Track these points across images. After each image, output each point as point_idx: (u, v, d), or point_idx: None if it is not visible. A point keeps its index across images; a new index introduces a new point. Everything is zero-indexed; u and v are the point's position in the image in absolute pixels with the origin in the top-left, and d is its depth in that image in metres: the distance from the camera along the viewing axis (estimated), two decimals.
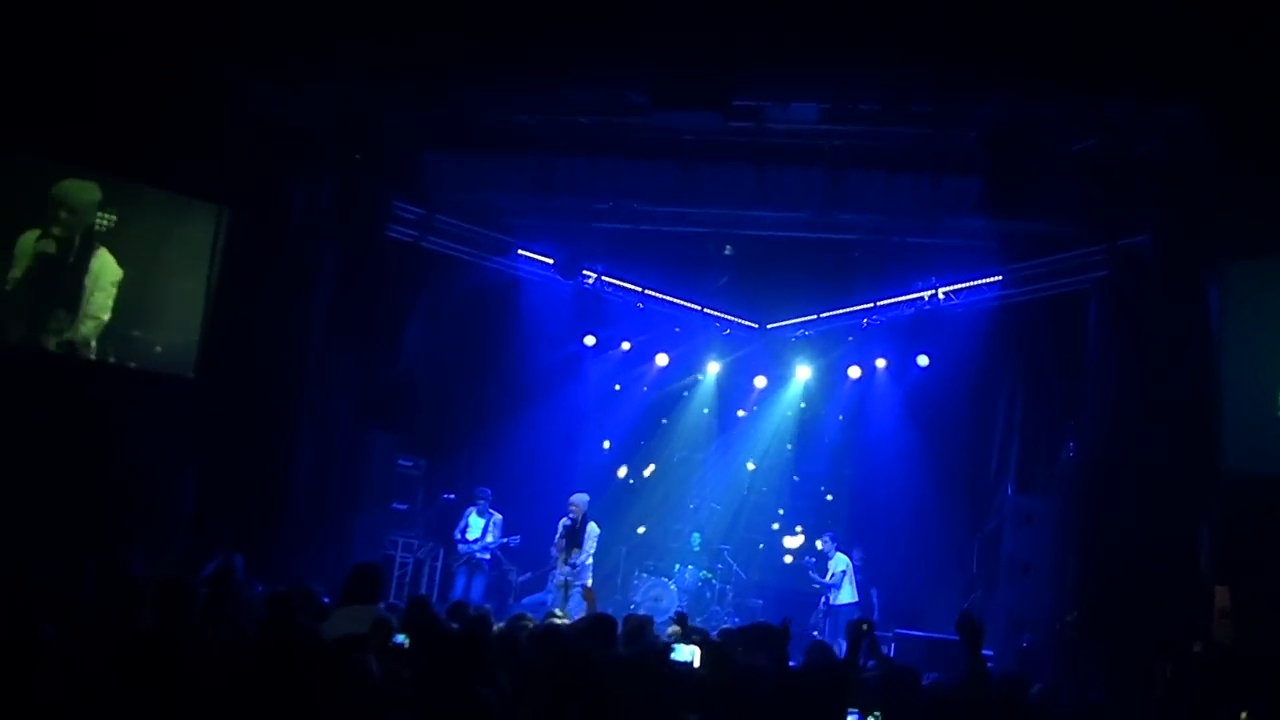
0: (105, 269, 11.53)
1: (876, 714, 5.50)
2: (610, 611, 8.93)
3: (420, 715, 4.79)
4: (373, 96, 11.64)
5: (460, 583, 13.41)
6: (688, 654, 5.67)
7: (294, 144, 12.12)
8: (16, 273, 11.18)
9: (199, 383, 11.84)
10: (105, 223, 11.49)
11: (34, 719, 3.98)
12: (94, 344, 11.52)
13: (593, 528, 12.90)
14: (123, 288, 11.59)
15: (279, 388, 12.35)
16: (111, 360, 11.55)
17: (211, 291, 11.95)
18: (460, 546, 13.52)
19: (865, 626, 8.97)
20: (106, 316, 11.50)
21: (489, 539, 13.45)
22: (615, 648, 7.21)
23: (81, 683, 4.56)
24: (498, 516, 13.58)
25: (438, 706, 4.75)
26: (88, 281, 11.45)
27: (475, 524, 13.53)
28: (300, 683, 4.70)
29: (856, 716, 5.47)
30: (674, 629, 8.62)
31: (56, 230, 11.33)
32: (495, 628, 7.86)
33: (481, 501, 13.61)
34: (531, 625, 7.82)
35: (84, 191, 11.45)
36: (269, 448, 12.20)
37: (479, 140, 12.25)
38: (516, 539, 13.53)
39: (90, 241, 11.44)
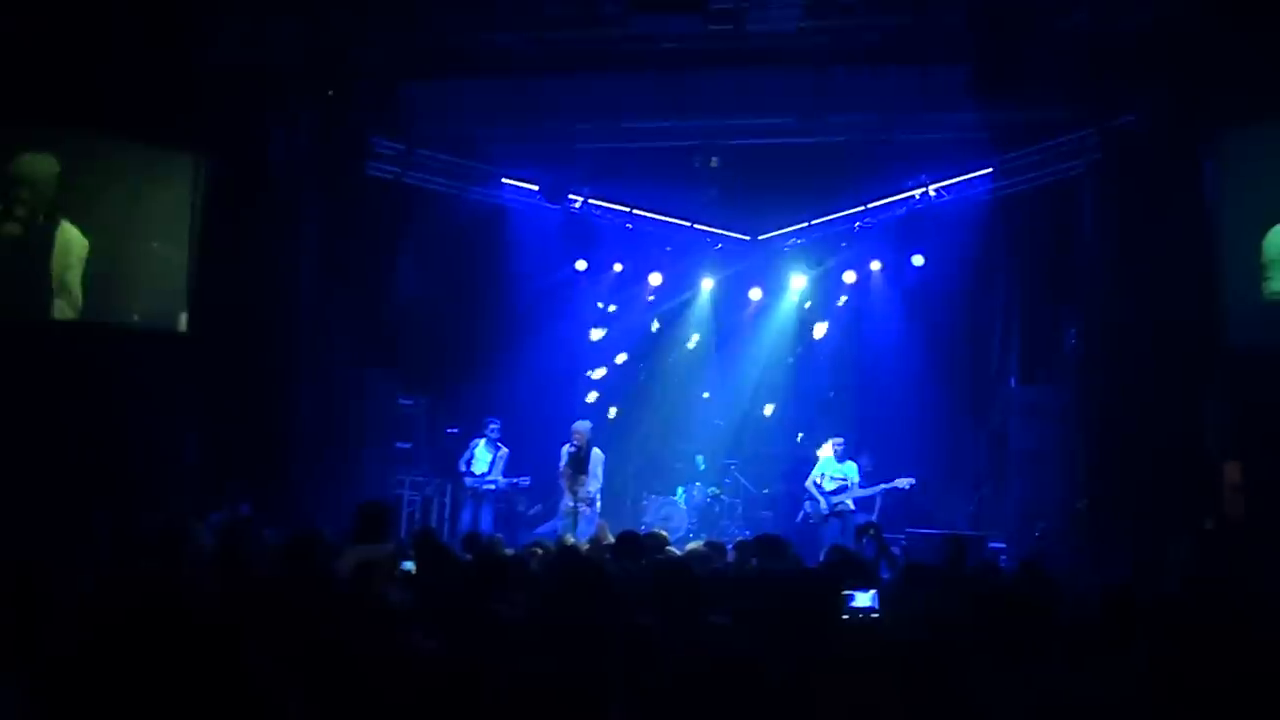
0: (71, 244, 11.32)
1: (873, 591, 5.48)
2: None
3: (439, 638, 4.74)
4: (341, 27, 11.35)
5: (467, 514, 13.42)
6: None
7: (266, 85, 11.86)
8: None
9: (194, 335, 11.73)
10: (68, 194, 11.26)
11: (45, 671, 3.91)
12: (75, 317, 11.36)
13: (597, 453, 12.87)
14: (95, 258, 11.39)
15: (273, 335, 12.28)
16: (102, 324, 11.42)
17: (195, 245, 11.77)
18: (467, 479, 13.48)
19: (872, 530, 8.99)
20: (78, 292, 11.32)
21: (494, 475, 13.42)
22: (639, 562, 7.25)
23: (91, 633, 4.49)
24: (504, 451, 13.52)
25: (456, 628, 4.71)
26: (55, 261, 11.27)
27: (482, 457, 13.48)
28: (319, 618, 4.65)
29: (866, 593, 5.40)
30: (694, 545, 8.63)
31: (19, 211, 11.12)
32: (508, 553, 7.88)
33: (491, 432, 13.56)
34: (542, 552, 7.82)
35: (42, 165, 11.19)
36: (268, 395, 12.16)
37: (453, 67, 12.02)
38: (527, 481, 13.51)
39: (53, 217, 11.23)
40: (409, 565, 6.50)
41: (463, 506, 13.58)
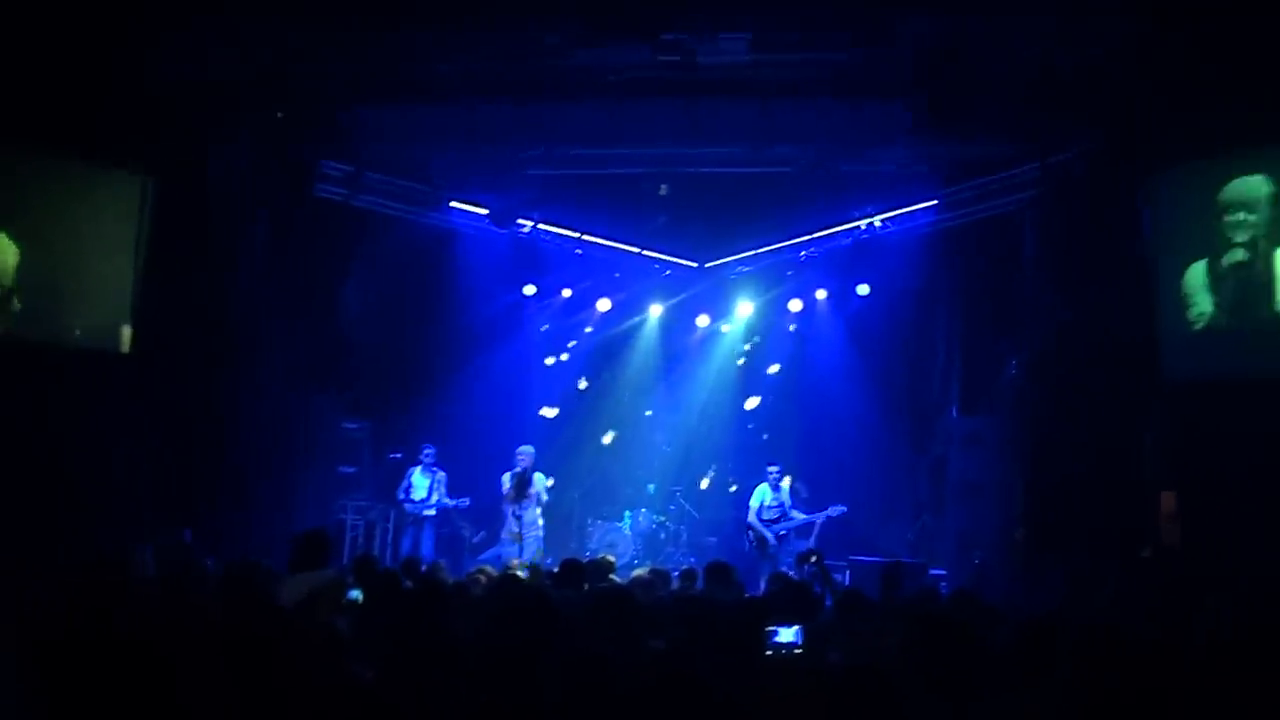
0: (4, 255, 11.16)
1: (797, 626, 5.49)
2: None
3: (387, 666, 4.75)
4: (290, 49, 11.28)
5: (407, 541, 13.42)
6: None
7: (215, 106, 11.75)
8: None
9: (136, 356, 11.58)
10: (6, 208, 11.08)
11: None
12: (11, 329, 11.16)
13: (539, 478, 12.91)
14: (33, 274, 11.20)
15: (217, 357, 12.13)
16: (38, 342, 11.23)
17: (140, 265, 11.66)
18: (406, 506, 13.49)
19: (814, 558, 9.04)
20: (15, 301, 11.14)
21: (434, 499, 13.42)
22: (581, 588, 7.29)
23: (39, 662, 4.47)
24: (441, 474, 13.51)
25: (404, 656, 4.72)
26: None
27: (419, 483, 13.50)
28: (268, 649, 4.65)
29: (791, 628, 5.45)
30: (637, 572, 8.68)
31: None
32: (451, 580, 7.90)
33: (425, 458, 13.54)
34: (485, 579, 7.84)
35: None
36: (211, 419, 12.01)
37: (403, 92, 11.94)
38: (466, 501, 13.49)
39: None
40: (356, 594, 6.49)
41: (404, 532, 13.56)
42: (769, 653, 5.35)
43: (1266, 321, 10.23)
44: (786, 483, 13.76)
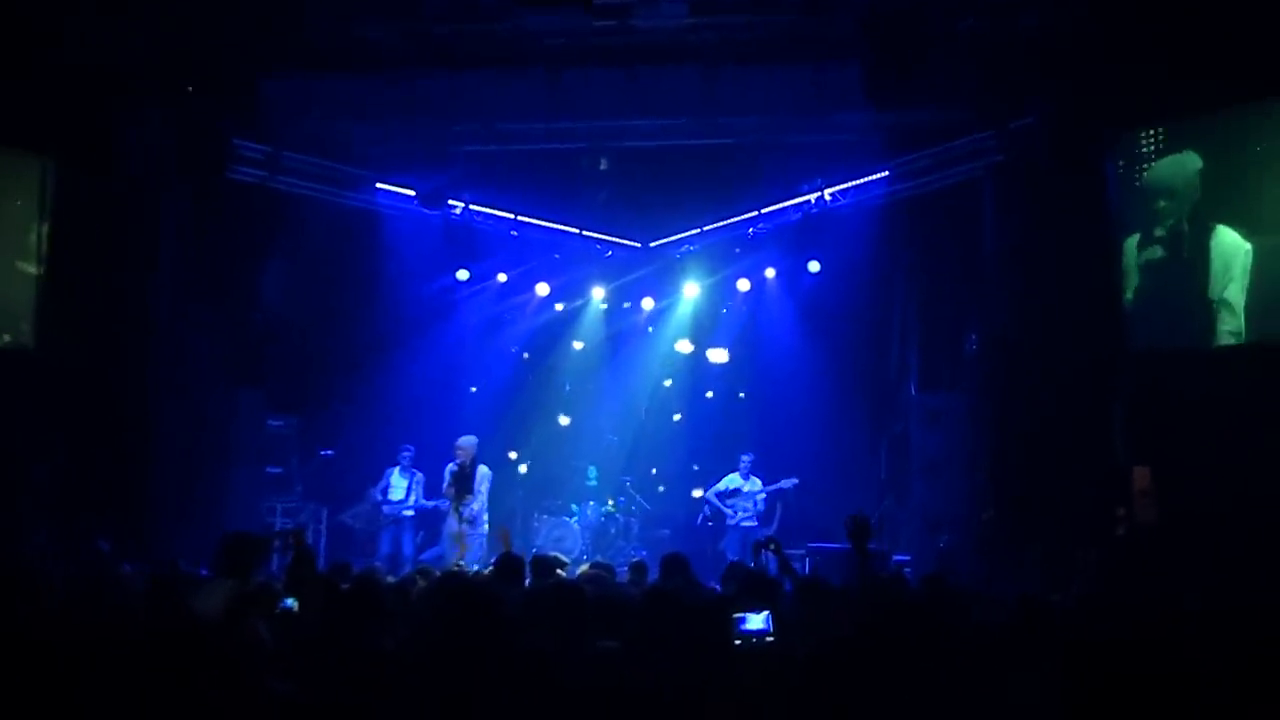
0: None
1: (766, 612, 5.29)
2: None
3: (317, 674, 4.27)
4: (198, 19, 10.57)
5: (386, 542, 13.02)
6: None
7: (120, 82, 11.08)
8: None
9: (42, 355, 10.85)
10: None
11: None
12: None
13: (484, 470, 12.40)
14: None
15: (130, 353, 11.50)
16: None
17: (44, 252, 10.93)
18: (385, 508, 13.11)
19: (773, 545, 8.65)
20: None
21: (412, 499, 13.07)
22: (523, 586, 6.84)
23: None
24: (420, 475, 13.17)
25: (335, 663, 4.26)
26: None
27: (398, 484, 13.13)
28: (187, 659, 4.33)
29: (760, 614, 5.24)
30: (584, 568, 8.27)
31: None
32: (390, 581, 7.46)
33: (404, 459, 13.19)
34: (424, 582, 7.34)
35: None
36: (126, 418, 11.38)
37: (323, 61, 11.34)
38: (445, 503, 12.92)
39: None
40: (291, 602, 5.94)
41: (381, 535, 13.14)
42: (738, 643, 5.16)
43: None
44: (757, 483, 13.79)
